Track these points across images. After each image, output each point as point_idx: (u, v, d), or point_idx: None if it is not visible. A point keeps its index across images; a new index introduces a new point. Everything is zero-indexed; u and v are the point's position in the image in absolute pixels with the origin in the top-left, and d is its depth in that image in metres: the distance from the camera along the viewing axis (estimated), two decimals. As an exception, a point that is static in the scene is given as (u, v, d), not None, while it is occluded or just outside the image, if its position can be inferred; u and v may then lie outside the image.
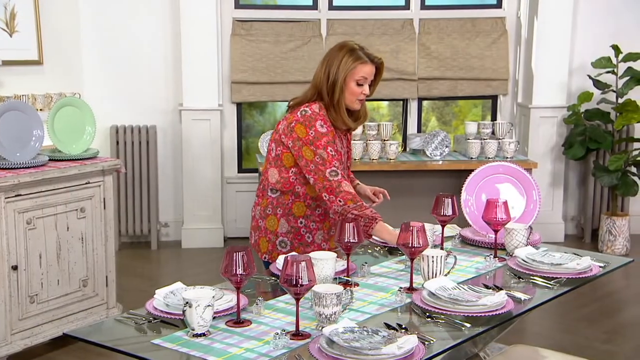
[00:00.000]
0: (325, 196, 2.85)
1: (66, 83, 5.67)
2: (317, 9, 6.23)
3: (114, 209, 5.86)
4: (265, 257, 3.07)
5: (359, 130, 5.44)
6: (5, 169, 3.73)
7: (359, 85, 2.96)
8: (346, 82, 2.95)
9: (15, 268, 3.67)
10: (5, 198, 3.59)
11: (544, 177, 6.20)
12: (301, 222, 3.03)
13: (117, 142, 5.96)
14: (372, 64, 2.97)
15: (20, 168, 3.76)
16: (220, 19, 6.09)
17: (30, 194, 3.71)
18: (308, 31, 6.17)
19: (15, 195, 3.64)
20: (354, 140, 5.38)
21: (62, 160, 4.00)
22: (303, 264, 2.07)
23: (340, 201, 2.81)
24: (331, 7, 6.24)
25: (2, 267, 3.61)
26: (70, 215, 3.94)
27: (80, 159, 4.06)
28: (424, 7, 6.29)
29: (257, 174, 5.32)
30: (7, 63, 5.10)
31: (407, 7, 6.30)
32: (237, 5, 6.18)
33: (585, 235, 6.31)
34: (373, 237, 3.07)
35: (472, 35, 6.27)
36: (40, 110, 4.97)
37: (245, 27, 6.14)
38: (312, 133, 2.90)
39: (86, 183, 4.00)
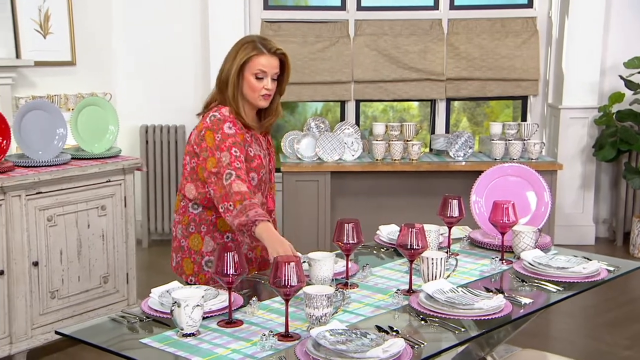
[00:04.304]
0: (222, 207, 2.55)
1: (98, 83, 5.79)
2: (345, 10, 6.22)
3: (144, 207, 6.04)
4: (191, 280, 2.82)
5: (382, 130, 5.43)
6: (28, 167, 3.82)
7: (258, 79, 2.72)
8: (244, 76, 2.71)
9: (36, 264, 3.75)
10: (26, 195, 3.68)
11: (575, 178, 6.10)
12: (227, 237, 2.79)
13: (147, 142, 6.05)
14: (270, 55, 2.71)
15: (42, 166, 3.84)
16: (249, 20, 6.13)
17: (51, 191, 3.79)
18: (336, 32, 6.17)
19: (36, 193, 3.72)
20: (377, 140, 5.36)
21: (85, 159, 4.07)
22: (292, 264, 2.07)
23: (230, 206, 2.52)
24: (359, 8, 6.23)
25: (22, 263, 3.69)
26: (91, 213, 4.01)
27: (102, 158, 4.13)
28: (453, 7, 6.24)
29: (281, 174, 5.32)
30: (40, 64, 5.22)
31: (435, 7, 6.26)
32: (266, 7, 6.22)
33: (617, 239, 6.18)
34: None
35: (501, 36, 6.19)
36: (73, 110, 5.08)
37: (274, 28, 6.17)
38: (218, 137, 2.64)
39: (107, 181, 4.07)
